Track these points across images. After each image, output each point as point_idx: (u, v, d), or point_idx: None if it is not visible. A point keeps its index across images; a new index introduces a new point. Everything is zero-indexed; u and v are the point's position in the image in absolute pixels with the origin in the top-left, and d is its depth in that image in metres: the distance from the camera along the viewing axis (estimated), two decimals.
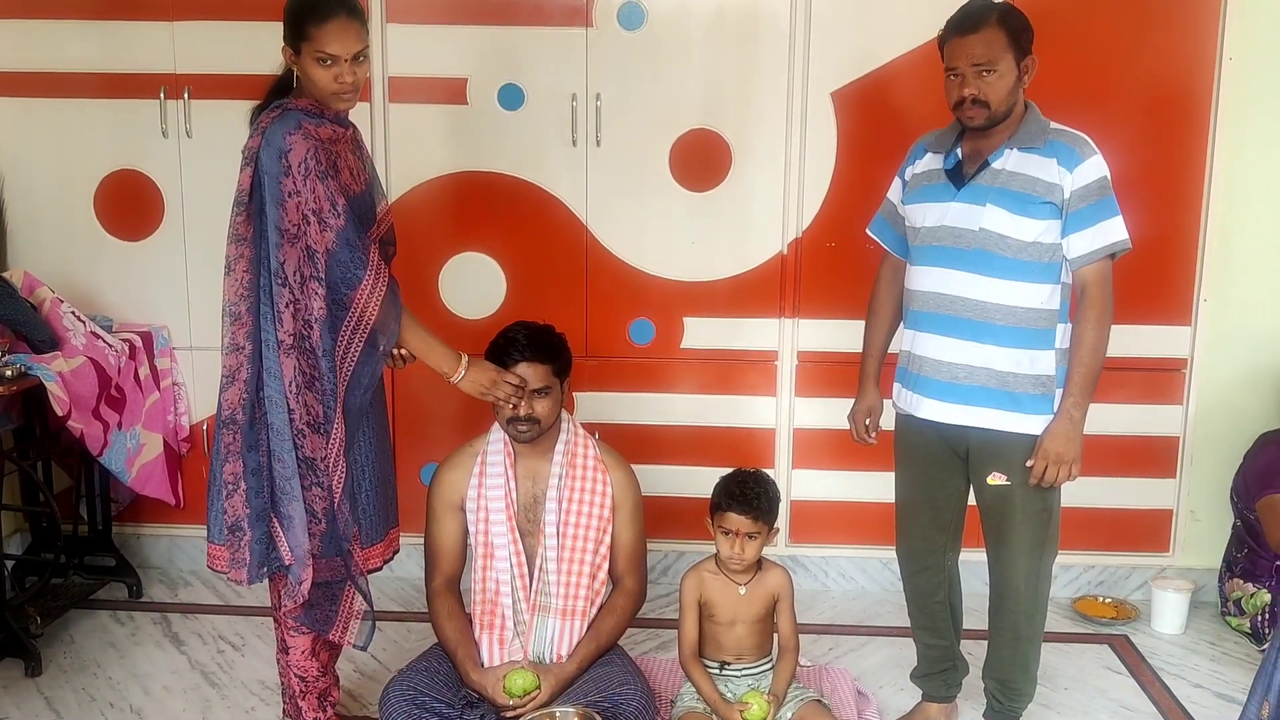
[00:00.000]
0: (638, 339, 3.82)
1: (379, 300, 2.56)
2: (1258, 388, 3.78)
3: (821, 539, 3.92)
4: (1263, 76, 3.59)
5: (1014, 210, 2.63)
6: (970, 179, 2.70)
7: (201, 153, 3.76)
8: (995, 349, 2.68)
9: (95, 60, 3.76)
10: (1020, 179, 2.64)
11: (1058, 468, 2.65)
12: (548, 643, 2.85)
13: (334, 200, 2.49)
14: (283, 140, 2.46)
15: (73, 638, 3.53)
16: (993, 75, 2.59)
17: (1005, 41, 2.59)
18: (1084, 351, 2.65)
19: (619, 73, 3.66)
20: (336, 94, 2.54)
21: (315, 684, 2.80)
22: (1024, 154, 2.65)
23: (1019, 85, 2.64)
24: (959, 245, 2.69)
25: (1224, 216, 3.65)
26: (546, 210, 3.76)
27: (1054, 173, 2.62)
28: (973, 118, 2.64)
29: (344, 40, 2.49)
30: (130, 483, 3.69)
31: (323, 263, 2.48)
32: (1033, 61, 2.65)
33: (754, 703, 2.69)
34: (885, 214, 2.98)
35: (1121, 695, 3.28)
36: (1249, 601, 3.60)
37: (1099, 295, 2.65)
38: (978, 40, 2.59)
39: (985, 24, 2.59)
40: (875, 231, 3.01)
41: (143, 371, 3.73)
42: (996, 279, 2.66)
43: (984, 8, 2.63)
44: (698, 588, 2.84)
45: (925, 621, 3.02)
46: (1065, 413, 2.65)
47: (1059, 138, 2.66)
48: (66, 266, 3.86)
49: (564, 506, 2.89)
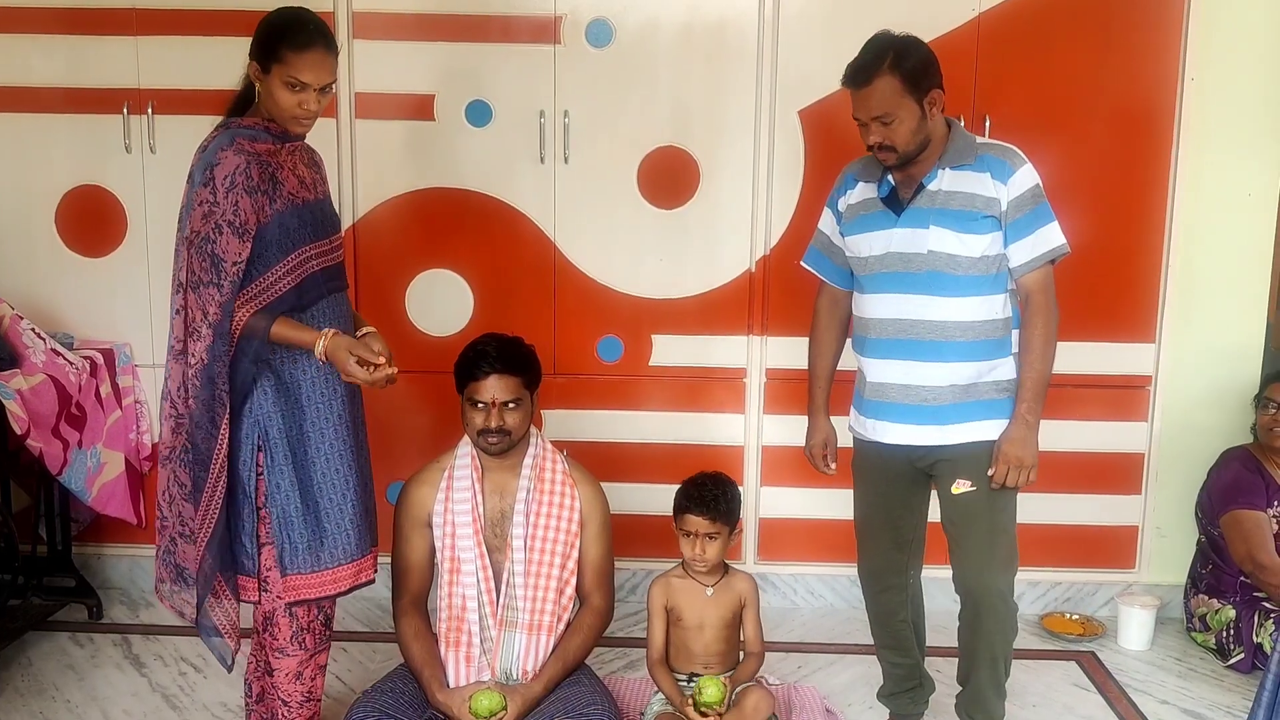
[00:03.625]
0: (606, 356, 3.81)
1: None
2: (1222, 404, 3.81)
3: (790, 556, 3.91)
4: (1223, 96, 3.64)
5: (957, 229, 2.65)
6: (909, 203, 2.71)
7: (165, 168, 3.72)
8: (958, 365, 2.71)
9: (59, 75, 3.73)
10: (958, 197, 2.66)
11: (1018, 471, 2.69)
12: (515, 658, 2.82)
13: (255, 216, 2.48)
14: (215, 155, 2.48)
15: (30, 660, 3.46)
16: (893, 122, 2.58)
17: (900, 88, 2.57)
18: (1033, 357, 2.69)
19: (587, 90, 3.66)
20: (296, 119, 2.55)
21: (300, 710, 2.73)
22: (957, 172, 2.67)
23: (925, 121, 2.62)
24: (909, 270, 2.70)
25: (1187, 234, 3.69)
26: (514, 227, 3.75)
27: (989, 186, 2.65)
28: (885, 159, 2.66)
29: (318, 71, 2.51)
30: (91, 502, 3.64)
31: (234, 272, 2.46)
32: (938, 94, 2.63)
33: (709, 686, 2.73)
34: (819, 245, 2.97)
35: (1089, 712, 3.29)
36: (1214, 617, 3.62)
37: (1043, 301, 2.69)
38: (871, 94, 2.59)
39: (876, 75, 2.57)
40: (811, 264, 3.00)
41: (104, 389, 3.68)
42: (951, 298, 2.69)
43: (875, 57, 2.60)
44: (664, 593, 2.87)
45: (889, 641, 3.03)
46: (1020, 418, 2.69)
47: (988, 151, 2.69)
48: (27, 283, 3.81)
49: (531, 520, 2.87)
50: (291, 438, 2.60)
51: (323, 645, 2.74)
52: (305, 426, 2.62)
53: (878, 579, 2.98)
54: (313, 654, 2.72)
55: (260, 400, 2.57)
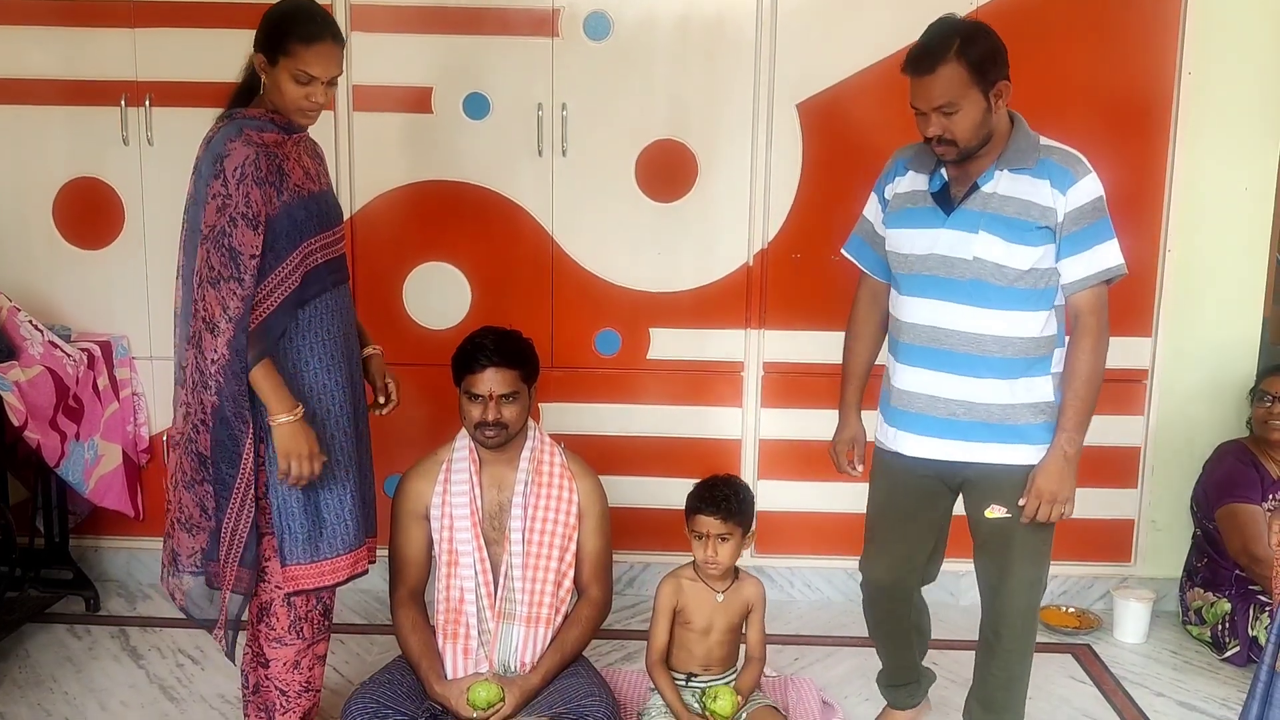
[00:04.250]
0: (604, 349, 3.82)
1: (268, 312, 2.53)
2: (1217, 398, 3.83)
3: (787, 549, 3.91)
4: (1221, 91, 3.64)
5: (1008, 238, 2.49)
6: (959, 203, 2.55)
7: (162, 161, 3.72)
8: (993, 382, 2.56)
9: (56, 67, 3.72)
10: (1013, 203, 2.50)
11: (1050, 506, 2.54)
12: (513, 650, 2.83)
13: (264, 209, 2.47)
14: (223, 146, 2.47)
15: (28, 652, 3.47)
16: (956, 113, 2.42)
17: (966, 77, 2.41)
18: (1078, 382, 2.52)
19: (585, 83, 3.66)
20: (303, 110, 2.55)
21: (298, 700, 2.73)
22: (1015, 175, 2.51)
23: (990, 114, 2.46)
24: (952, 275, 2.55)
25: (1184, 228, 3.70)
26: (512, 220, 3.75)
27: (1047, 195, 2.49)
28: (944, 154, 2.51)
29: (326, 64, 2.51)
30: (88, 494, 3.64)
31: (252, 266, 2.45)
32: (1006, 86, 2.47)
33: (723, 696, 2.71)
34: (862, 234, 2.80)
35: (1085, 704, 3.30)
36: (1209, 611, 3.63)
37: (1094, 324, 2.52)
38: (934, 82, 2.42)
39: (942, 61, 2.40)
40: (852, 252, 2.84)
41: (101, 382, 3.68)
42: (992, 309, 2.53)
43: (941, 41, 2.43)
44: (675, 594, 2.83)
45: (887, 642, 2.96)
46: (1059, 448, 2.53)
47: (1050, 155, 2.52)
48: (25, 275, 3.80)
49: (529, 513, 2.87)
50: None
51: (321, 635, 2.74)
52: (307, 417, 2.61)
53: (881, 591, 2.86)
54: (310, 644, 2.72)
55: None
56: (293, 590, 2.62)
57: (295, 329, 2.57)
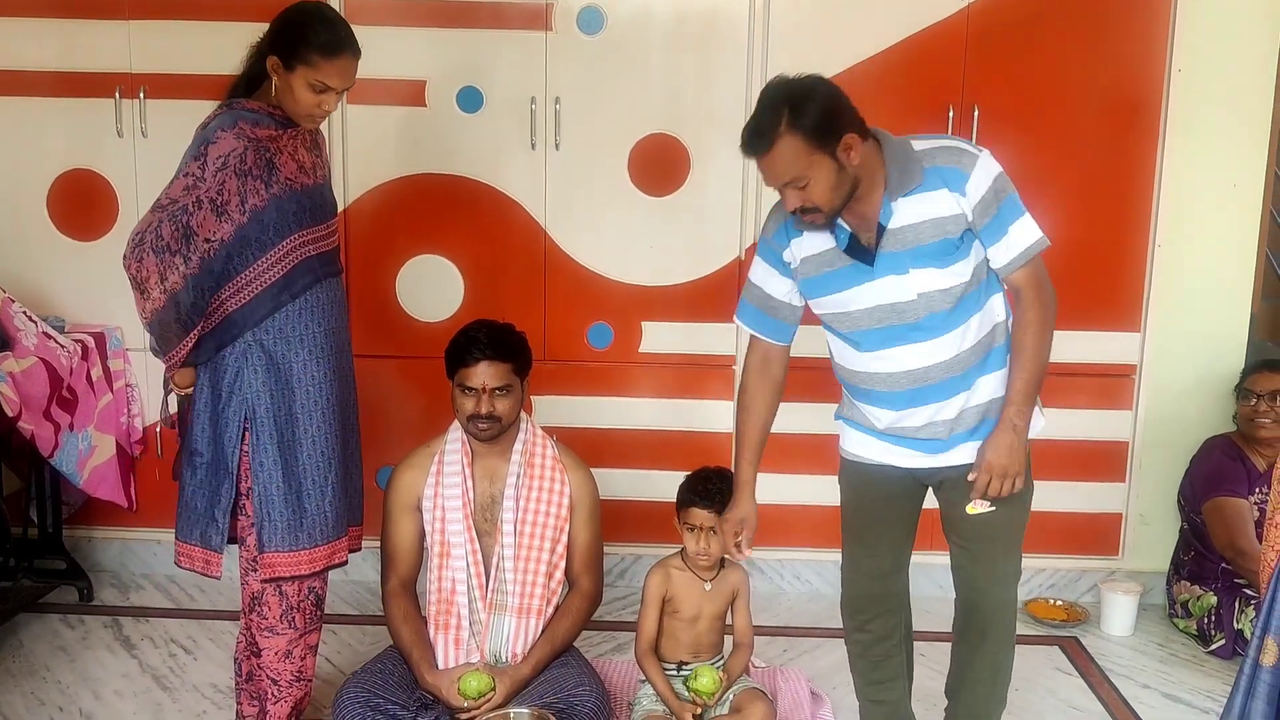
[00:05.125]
0: (596, 343, 3.83)
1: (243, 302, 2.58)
2: (1205, 393, 3.85)
3: (777, 542, 3.92)
4: (1210, 87, 3.66)
5: (940, 264, 2.39)
6: (877, 248, 2.40)
7: (156, 153, 3.72)
8: (978, 386, 2.51)
9: (50, 59, 3.73)
10: (925, 228, 2.37)
11: (1001, 480, 2.47)
12: (504, 641, 2.85)
13: (244, 198, 2.50)
14: (213, 133, 2.51)
15: (22, 642, 3.48)
16: (808, 184, 2.29)
17: (804, 147, 2.25)
18: (1025, 356, 2.45)
19: (578, 77, 3.68)
20: (312, 116, 2.59)
21: (290, 689, 2.75)
22: (911, 198, 2.37)
23: (845, 170, 2.31)
24: (905, 320, 2.45)
25: (1173, 224, 3.72)
26: (505, 213, 3.76)
27: (949, 203, 2.37)
28: (813, 221, 2.38)
29: (344, 78, 2.55)
30: (82, 485, 3.66)
31: (205, 248, 2.49)
32: (853, 138, 2.29)
33: (705, 675, 2.75)
34: (754, 300, 2.60)
35: (1070, 695, 3.33)
36: (1196, 604, 3.66)
37: (1034, 298, 2.45)
38: (774, 161, 2.29)
39: (775, 139, 2.25)
40: (747, 322, 2.64)
41: (95, 373, 3.70)
42: (956, 328, 2.45)
43: (770, 117, 2.26)
44: (664, 584, 2.87)
45: (874, 675, 2.78)
46: (1008, 421, 2.46)
47: (934, 161, 2.37)
48: (19, 266, 3.81)
49: (521, 505, 2.89)
50: (279, 418, 2.62)
51: (313, 625, 2.77)
52: (294, 408, 2.64)
53: (875, 603, 2.72)
54: (303, 633, 2.74)
55: (250, 379, 2.59)
56: (269, 577, 2.65)
57: (285, 321, 2.60)
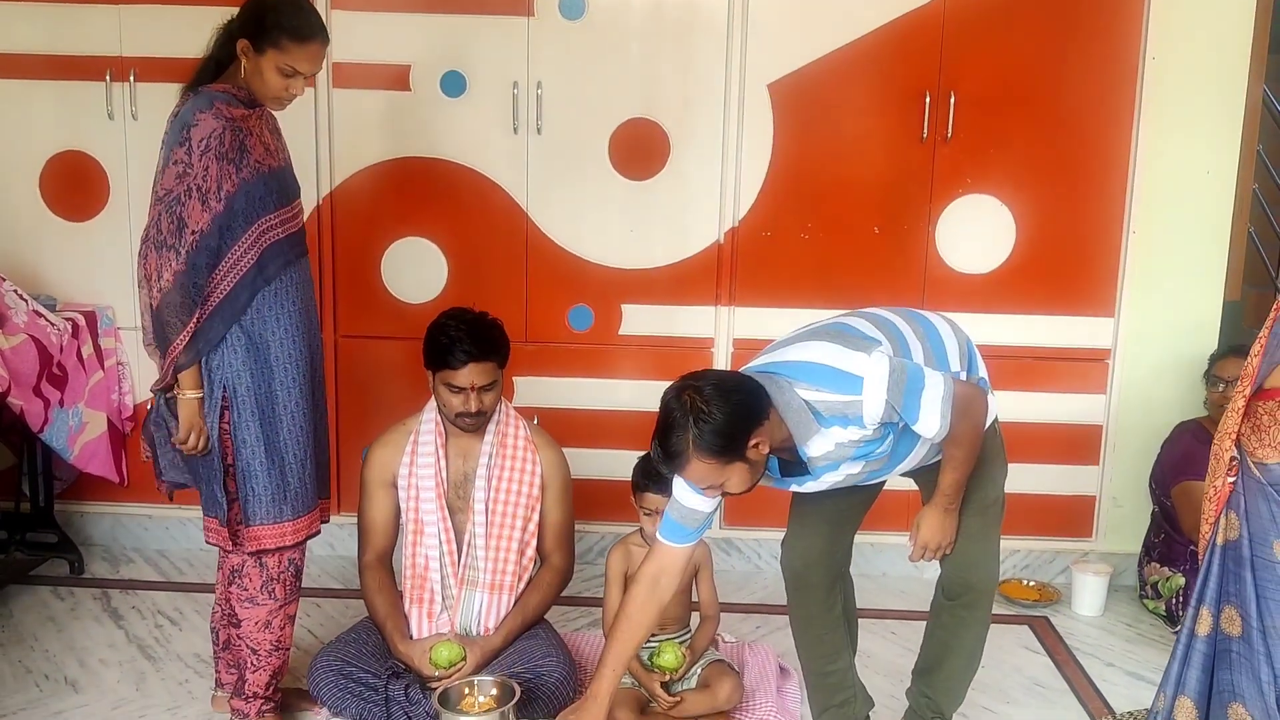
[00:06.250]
0: (576, 325, 3.89)
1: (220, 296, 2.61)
2: (1177, 378, 3.89)
3: (754, 522, 3.99)
4: (1184, 75, 3.70)
5: (863, 451, 2.44)
6: (811, 465, 2.46)
7: (147, 135, 3.76)
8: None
9: (42, 42, 3.79)
10: (843, 448, 2.40)
11: (935, 551, 2.61)
12: (475, 616, 2.93)
13: (220, 184, 2.54)
14: (191, 116, 2.54)
15: (12, 612, 3.57)
16: (726, 483, 2.35)
17: (715, 465, 2.29)
18: (956, 461, 2.51)
19: (560, 62, 3.73)
20: (280, 100, 2.64)
21: (268, 659, 2.80)
22: (817, 439, 2.38)
23: (759, 463, 2.35)
24: (857, 482, 2.58)
25: (1147, 211, 3.76)
26: (488, 197, 3.82)
27: (855, 433, 2.38)
28: (736, 490, 2.40)
29: (314, 63, 2.62)
30: (73, 460, 3.74)
31: (190, 241, 2.53)
32: (761, 435, 2.30)
33: (667, 651, 2.82)
34: (678, 516, 2.51)
35: (1036, 673, 3.39)
36: (1165, 585, 3.71)
37: (963, 430, 2.44)
38: (691, 475, 2.34)
39: (686, 463, 2.29)
40: (667, 535, 2.54)
41: (86, 350, 3.77)
42: (917, 447, 2.53)
43: (675, 443, 2.28)
44: (624, 560, 2.94)
45: (819, 646, 2.81)
46: (939, 505, 2.57)
47: (828, 410, 2.35)
48: (11, 246, 3.89)
49: (493, 484, 2.96)
50: (259, 395, 2.66)
51: (292, 596, 2.83)
52: (274, 385, 2.68)
53: (810, 573, 2.74)
54: (283, 604, 2.80)
55: (229, 358, 2.64)
56: (255, 550, 2.71)
57: (262, 302, 2.65)
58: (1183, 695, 2.39)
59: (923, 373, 2.40)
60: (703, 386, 2.28)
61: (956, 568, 2.68)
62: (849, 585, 2.89)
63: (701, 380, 2.32)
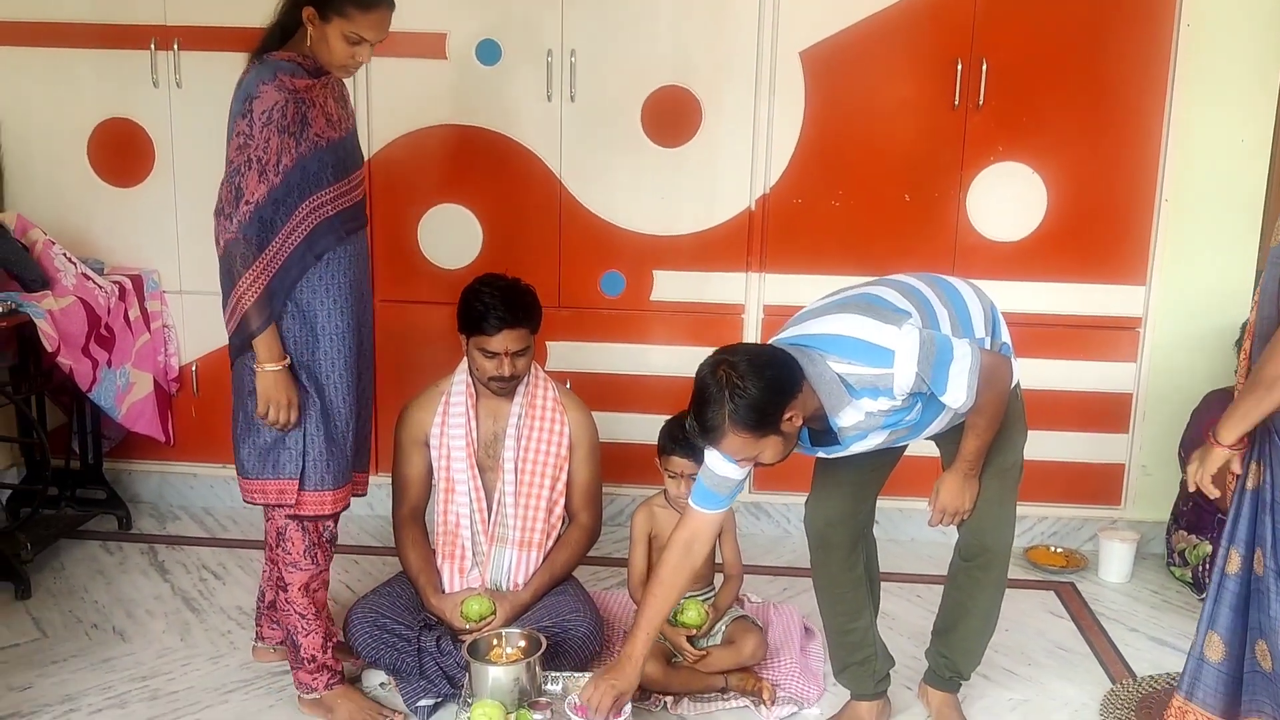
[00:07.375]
0: (609, 290, 3.95)
1: (264, 277, 2.60)
2: (1207, 347, 3.89)
3: (784, 487, 4.04)
4: (1218, 43, 3.67)
5: (898, 420, 2.46)
6: (841, 434, 2.47)
7: (191, 103, 3.89)
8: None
9: (88, 11, 3.89)
10: (872, 418, 2.43)
11: (953, 515, 2.66)
12: (505, 572, 3.01)
13: (280, 158, 2.54)
14: (254, 87, 2.54)
15: (63, 565, 3.70)
16: (759, 456, 2.39)
17: (751, 439, 2.32)
18: (979, 428, 2.54)
19: (593, 29, 3.77)
20: (346, 68, 2.64)
21: (316, 622, 2.80)
22: (848, 409, 2.40)
23: (792, 434, 2.38)
24: (887, 445, 2.58)
25: (1180, 179, 3.75)
26: (522, 164, 3.88)
27: (884, 403, 2.40)
28: (774, 464, 2.46)
29: (380, 30, 2.60)
30: (121, 419, 3.85)
31: (245, 211, 2.54)
32: (795, 409, 2.33)
33: (690, 608, 2.89)
34: (711, 483, 2.54)
35: (1059, 637, 3.42)
36: (1192, 552, 3.73)
37: (988, 399, 2.48)
38: (727, 448, 2.37)
39: (722, 436, 2.32)
40: (699, 502, 2.59)
41: (133, 313, 3.88)
42: (941, 414, 2.53)
43: (712, 417, 2.30)
44: (649, 521, 3.01)
45: (839, 605, 2.82)
46: (960, 470, 2.62)
47: (859, 383, 2.38)
48: (60, 210, 4.00)
49: (522, 444, 3.03)
50: (310, 363, 2.68)
51: (328, 561, 2.86)
52: (319, 354, 2.69)
53: (831, 533, 2.76)
54: (322, 570, 2.82)
55: (289, 324, 2.65)
56: (296, 514, 2.71)
57: (314, 274, 2.66)
58: (1213, 630, 2.46)
59: (951, 344, 2.42)
60: (737, 361, 2.31)
61: (973, 531, 2.71)
62: (872, 546, 2.92)
63: (736, 355, 2.34)
